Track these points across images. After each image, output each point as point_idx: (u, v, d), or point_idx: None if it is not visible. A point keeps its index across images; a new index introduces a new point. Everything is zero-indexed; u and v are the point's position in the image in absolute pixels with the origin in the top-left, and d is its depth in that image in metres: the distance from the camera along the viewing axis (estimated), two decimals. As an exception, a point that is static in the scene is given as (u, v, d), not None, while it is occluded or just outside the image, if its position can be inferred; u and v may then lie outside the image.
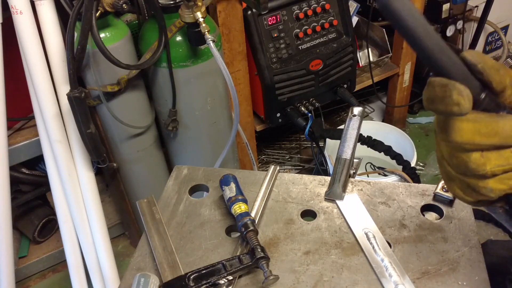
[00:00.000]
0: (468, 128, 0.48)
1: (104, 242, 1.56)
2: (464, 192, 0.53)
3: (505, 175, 0.50)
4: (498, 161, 0.49)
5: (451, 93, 0.46)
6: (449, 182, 0.55)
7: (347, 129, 0.93)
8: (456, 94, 0.46)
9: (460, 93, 0.46)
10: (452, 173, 0.53)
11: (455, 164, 0.51)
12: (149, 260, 0.78)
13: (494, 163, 0.49)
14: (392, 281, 0.71)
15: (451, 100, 0.46)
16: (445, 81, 0.47)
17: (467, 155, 0.49)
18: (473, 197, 0.53)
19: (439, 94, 0.47)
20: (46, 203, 1.91)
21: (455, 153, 0.50)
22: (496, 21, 2.41)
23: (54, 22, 1.30)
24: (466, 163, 0.50)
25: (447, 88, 0.46)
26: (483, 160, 0.49)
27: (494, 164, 0.49)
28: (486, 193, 0.51)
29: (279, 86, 1.75)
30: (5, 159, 1.38)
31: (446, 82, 0.47)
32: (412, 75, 2.25)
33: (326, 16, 1.78)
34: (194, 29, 1.28)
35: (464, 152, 0.49)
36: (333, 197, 0.86)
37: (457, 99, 0.46)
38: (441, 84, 0.47)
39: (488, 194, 0.51)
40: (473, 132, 0.48)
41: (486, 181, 0.50)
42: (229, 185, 0.83)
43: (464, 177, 0.52)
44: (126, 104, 1.44)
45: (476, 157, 0.49)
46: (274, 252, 0.77)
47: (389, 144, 1.72)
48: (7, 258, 1.45)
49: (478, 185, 0.51)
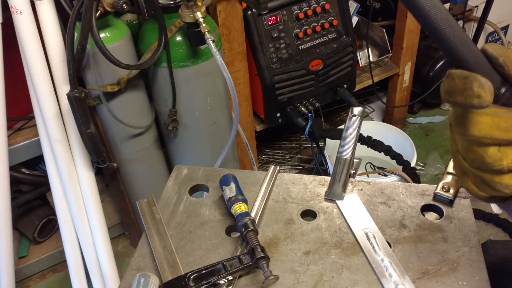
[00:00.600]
0: (486, 122, 0.47)
1: (104, 242, 1.56)
2: (478, 187, 0.53)
3: None
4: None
5: (472, 85, 0.45)
6: (463, 177, 0.54)
7: (347, 129, 0.93)
8: (477, 87, 0.45)
9: (481, 86, 0.45)
10: (467, 167, 0.52)
11: (471, 159, 0.51)
12: (149, 260, 0.78)
13: (511, 159, 0.49)
14: (392, 281, 0.70)
15: (472, 93, 0.45)
16: (466, 73, 0.46)
17: (483, 149, 0.49)
18: (487, 192, 0.53)
19: (460, 86, 0.46)
20: (46, 203, 1.91)
21: (471, 147, 0.50)
22: (496, 21, 2.41)
23: (54, 22, 1.30)
24: (483, 158, 0.49)
25: (468, 80, 0.45)
26: (500, 155, 0.48)
27: (511, 159, 0.49)
28: (501, 188, 0.51)
29: (279, 86, 1.75)
30: (5, 159, 1.38)
31: (467, 74, 0.46)
32: (412, 75, 2.25)
33: (326, 16, 1.78)
34: (194, 29, 1.28)
35: (481, 146, 0.49)
36: (333, 197, 0.86)
37: (478, 91, 0.45)
38: (461, 76, 0.46)
39: (503, 190, 0.51)
40: (491, 126, 0.47)
41: (502, 176, 0.50)
42: (229, 185, 0.83)
43: (479, 171, 0.51)
44: (126, 104, 1.44)
45: (493, 151, 0.49)
46: (274, 252, 0.77)
47: (389, 144, 1.72)
48: (7, 258, 1.45)
49: (494, 180, 0.50)
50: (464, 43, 0.46)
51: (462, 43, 0.46)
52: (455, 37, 0.46)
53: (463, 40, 0.46)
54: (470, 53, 0.46)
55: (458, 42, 0.46)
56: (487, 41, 2.55)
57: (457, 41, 0.46)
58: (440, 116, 2.50)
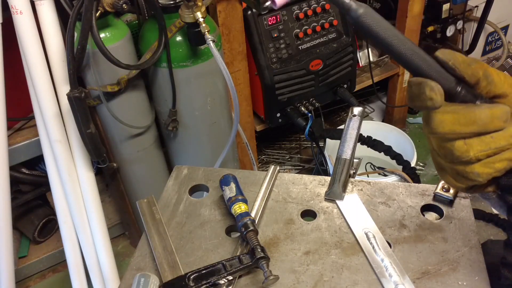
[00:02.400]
0: (448, 119, 0.52)
1: (104, 242, 1.56)
2: (455, 179, 0.57)
3: (489, 159, 0.53)
4: (480, 147, 0.52)
5: (424, 89, 0.52)
6: (442, 172, 0.58)
7: (347, 129, 0.93)
8: (428, 90, 0.51)
9: (432, 89, 0.51)
10: (442, 163, 0.57)
11: (443, 154, 0.55)
12: (149, 260, 0.78)
13: (476, 149, 0.53)
14: (392, 281, 0.71)
15: (425, 96, 0.52)
16: (419, 80, 0.52)
17: (451, 144, 0.53)
18: (464, 183, 0.56)
19: (416, 92, 0.53)
20: (46, 203, 1.91)
21: (441, 143, 0.54)
22: (496, 21, 2.41)
23: (54, 22, 1.30)
24: (452, 152, 0.53)
25: (421, 85, 0.52)
26: (466, 147, 0.53)
27: (477, 150, 0.53)
28: (474, 177, 0.54)
29: (279, 86, 1.75)
30: (5, 159, 1.38)
31: (420, 81, 0.52)
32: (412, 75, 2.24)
33: (326, 16, 1.78)
34: (194, 29, 1.28)
35: (448, 141, 0.53)
36: (333, 197, 0.86)
37: (429, 94, 0.51)
38: (416, 83, 0.53)
39: (476, 178, 0.54)
40: (453, 123, 0.52)
41: (472, 166, 0.54)
42: (229, 185, 0.83)
43: (453, 165, 0.55)
44: (126, 104, 1.44)
45: (460, 144, 0.53)
46: (274, 252, 0.77)
47: (389, 144, 1.72)
48: (7, 258, 1.45)
49: (466, 170, 0.54)
50: (416, 54, 0.52)
51: (414, 54, 0.52)
52: (407, 50, 0.52)
53: (415, 51, 0.52)
54: (423, 62, 0.52)
55: (410, 54, 0.52)
56: (487, 41, 2.55)
57: (409, 53, 0.52)
58: (440, 116, 2.50)
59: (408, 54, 0.52)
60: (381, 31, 0.52)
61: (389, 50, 0.53)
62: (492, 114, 0.51)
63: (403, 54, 0.52)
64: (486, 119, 0.51)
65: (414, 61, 0.52)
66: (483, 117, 0.51)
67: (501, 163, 0.53)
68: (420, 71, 0.52)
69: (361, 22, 0.52)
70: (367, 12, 0.52)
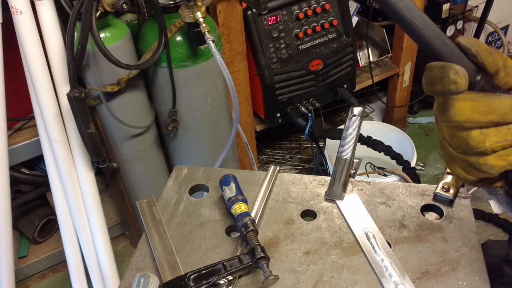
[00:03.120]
0: (467, 107, 0.51)
1: (104, 242, 1.56)
2: (466, 171, 0.55)
3: (504, 151, 0.52)
4: (497, 138, 0.51)
5: (448, 73, 0.49)
6: (451, 163, 0.57)
7: (347, 129, 0.93)
8: (453, 74, 0.49)
9: (456, 72, 0.49)
10: (454, 153, 0.55)
11: (456, 144, 0.54)
12: (149, 260, 0.78)
13: (493, 140, 0.51)
14: (392, 281, 0.71)
15: (449, 79, 0.49)
16: (442, 64, 0.50)
17: (467, 133, 0.52)
18: (475, 175, 0.55)
19: (438, 75, 0.50)
20: (46, 203, 1.91)
21: (455, 132, 0.53)
22: (496, 21, 2.41)
23: (54, 22, 1.30)
24: (467, 141, 0.52)
25: (444, 69, 0.49)
26: (482, 137, 0.51)
27: (493, 140, 0.51)
28: (486, 169, 0.53)
29: (279, 86, 1.75)
30: (5, 159, 1.38)
31: (443, 64, 0.50)
32: (412, 75, 2.25)
33: (326, 16, 1.78)
34: (194, 29, 1.28)
35: (464, 130, 0.52)
36: (333, 197, 0.86)
37: (454, 77, 0.49)
38: (438, 66, 0.50)
39: (489, 170, 0.53)
40: (471, 111, 0.51)
41: (486, 157, 0.52)
42: (229, 185, 0.83)
43: (465, 156, 0.54)
44: (126, 104, 1.44)
45: (476, 134, 0.51)
46: (274, 252, 0.77)
47: (389, 144, 1.72)
48: (7, 258, 1.45)
49: (479, 162, 0.53)
50: (439, 38, 0.50)
51: (437, 38, 0.50)
52: (430, 32, 0.50)
53: (438, 35, 0.50)
54: (445, 46, 0.51)
55: (433, 37, 0.50)
56: (487, 41, 2.55)
57: (432, 36, 0.50)
58: (440, 116, 2.50)
59: (431, 37, 0.50)
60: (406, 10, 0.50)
61: (411, 31, 0.51)
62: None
63: (426, 36, 0.50)
64: (506, 109, 0.50)
65: (436, 45, 0.51)
66: (503, 106, 0.50)
67: None
68: (441, 55, 0.51)
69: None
70: None
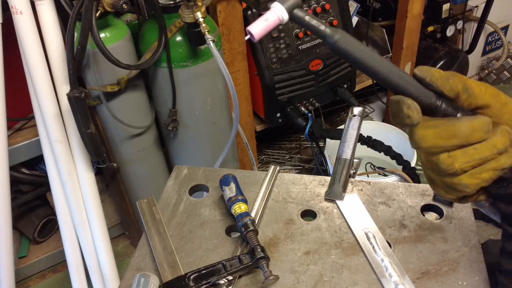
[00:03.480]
0: (430, 134, 0.53)
1: (104, 242, 1.56)
2: (445, 191, 0.58)
3: (475, 170, 0.54)
4: (464, 158, 0.53)
5: (401, 108, 0.53)
6: (432, 185, 0.60)
7: (347, 129, 0.93)
8: (405, 108, 0.52)
9: (408, 107, 0.52)
10: (432, 176, 0.58)
11: (431, 167, 0.56)
12: (149, 260, 0.78)
13: (461, 161, 0.53)
14: (392, 281, 0.71)
15: (403, 114, 0.53)
16: (397, 98, 0.53)
17: (436, 157, 0.54)
18: (454, 194, 0.57)
19: (395, 110, 0.54)
20: (46, 203, 1.91)
21: (427, 157, 0.55)
22: (496, 21, 2.41)
23: (54, 22, 1.30)
24: (437, 165, 0.54)
25: (399, 104, 0.53)
26: (450, 160, 0.53)
27: (461, 162, 0.53)
28: (462, 189, 0.55)
29: (279, 86, 1.75)
30: (5, 159, 1.38)
31: (398, 99, 0.53)
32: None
33: (326, 16, 1.78)
34: (194, 29, 1.28)
35: (434, 155, 0.54)
36: (333, 197, 0.86)
37: (406, 112, 0.52)
38: (395, 101, 0.54)
39: (465, 189, 0.55)
40: (434, 137, 0.53)
41: (459, 178, 0.54)
42: (229, 185, 0.83)
43: (441, 177, 0.56)
44: (126, 104, 1.44)
45: (444, 157, 0.53)
46: (274, 252, 0.77)
47: (389, 144, 1.72)
48: (7, 258, 1.45)
49: (454, 182, 0.55)
50: (393, 73, 0.54)
51: (391, 73, 0.54)
52: (384, 69, 0.54)
53: (392, 71, 0.54)
54: (401, 79, 0.54)
55: (388, 73, 0.54)
56: (487, 41, 2.55)
57: (387, 72, 0.54)
58: (440, 116, 2.50)
59: (386, 73, 0.54)
60: (358, 53, 0.54)
61: (368, 71, 0.54)
62: (473, 126, 0.52)
63: (381, 73, 0.54)
64: (467, 131, 0.52)
65: (392, 80, 0.54)
66: (463, 129, 0.52)
67: (487, 173, 0.54)
68: (400, 88, 0.54)
69: (338, 47, 0.54)
70: (343, 37, 0.54)
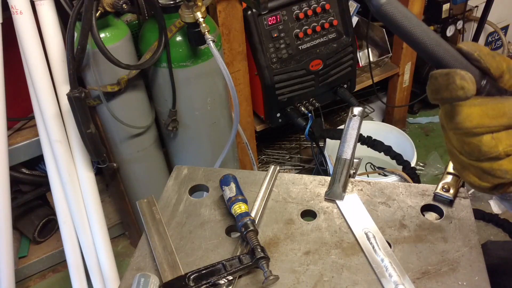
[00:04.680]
0: (476, 112, 0.49)
1: (104, 242, 1.56)
2: (480, 178, 0.54)
3: None
4: (509, 141, 0.50)
5: (454, 79, 0.48)
6: (464, 171, 0.55)
7: (347, 129, 0.93)
8: (459, 79, 0.48)
9: (462, 78, 0.48)
10: (466, 161, 0.53)
11: (468, 151, 0.52)
12: (149, 260, 0.78)
13: (505, 143, 0.50)
14: (392, 281, 0.70)
15: (456, 86, 0.48)
16: (446, 71, 0.49)
17: (478, 139, 0.50)
18: (489, 181, 0.53)
19: (443, 83, 0.49)
20: (46, 203, 1.91)
21: (466, 139, 0.51)
22: (496, 21, 2.41)
23: (54, 22, 1.30)
24: (479, 147, 0.51)
25: (450, 75, 0.48)
26: (494, 142, 0.50)
27: (506, 144, 0.50)
28: (501, 175, 0.52)
29: (279, 86, 1.75)
30: (5, 159, 1.38)
31: (447, 71, 0.49)
32: (412, 75, 2.25)
33: (326, 16, 1.78)
34: (194, 29, 1.28)
35: (475, 136, 0.50)
36: (333, 197, 0.86)
37: (460, 83, 0.48)
38: (443, 74, 0.49)
39: (504, 175, 0.52)
40: (481, 116, 0.49)
41: (500, 162, 0.51)
42: (229, 185, 0.83)
43: (478, 162, 0.52)
44: (126, 104, 1.44)
45: (487, 139, 0.50)
46: (274, 252, 0.77)
47: (389, 144, 1.72)
48: (7, 258, 1.45)
49: (493, 167, 0.51)
50: (440, 45, 0.50)
51: (438, 45, 0.50)
52: (431, 41, 0.50)
53: (439, 43, 0.50)
54: (447, 53, 0.50)
55: (434, 45, 0.50)
56: (487, 41, 2.55)
57: (433, 44, 0.50)
58: (440, 116, 2.50)
59: (432, 45, 0.50)
60: (405, 21, 0.49)
61: (412, 41, 0.50)
62: None
63: (427, 45, 0.50)
64: None
65: (438, 53, 0.50)
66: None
67: None
68: (444, 63, 0.50)
69: (384, 11, 0.49)
70: (390, 1, 0.50)
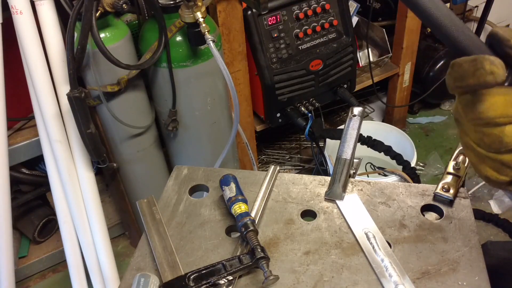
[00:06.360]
0: (500, 101, 0.48)
1: (104, 242, 1.56)
2: (499, 171, 0.52)
3: None
4: None
5: (482, 64, 0.46)
6: (480, 165, 0.54)
7: (347, 129, 0.93)
8: (488, 64, 0.46)
9: (492, 63, 0.46)
10: (484, 153, 0.52)
11: (487, 143, 0.50)
12: (149, 260, 0.78)
13: None
14: (392, 281, 0.70)
15: (484, 71, 0.46)
16: (472, 57, 0.47)
17: (500, 129, 0.49)
18: (509, 175, 0.52)
19: (470, 69, 0.47)
20: (46, 203, 1.91)
21: (487, 130, 0.50)
22: (496, 21, 2.41)
23: (54, 22, 1.30)
24: (500, 138, 0.49)
25: (478, 61, 0.46)
26: None
27: None
28: None
29: (279, 86, 1.75)
30: (5, 159, 1.38)
31: (474, 57, 0.47)
32: (412, 75, 2.25)
33: (326, 16, 1.78)
34: (194, 29, 1.28)
35: (497, 126, 0.49)
36: (333, 197, 0.86)
37: (490, 68, 0.45)
38: (469, 60, 0.47)
39: None
40: (505, 105, 0.48)
41: None
42: (229, 185, 0.83)
43: (497, 155, 0.51)
44: (126, 104, 1.44)
45: (510, 129, 0.48)
46: (274, 252, 0.77)
47: (389, 144, 1.72)
48: (7, 258, 1.45)
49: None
50: (464, 32, 0.49)
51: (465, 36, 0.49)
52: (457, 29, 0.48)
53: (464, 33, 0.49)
54: (471, 41, 0.49)
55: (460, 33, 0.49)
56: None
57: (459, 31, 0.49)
58: (440, 116, 2.50)
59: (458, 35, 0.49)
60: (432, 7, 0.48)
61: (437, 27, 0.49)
62: None
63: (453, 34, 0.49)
64: None
65: (462, 42, 0.49)
66: None
67: None
68: (468, 50, 0.49)
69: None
70: None
